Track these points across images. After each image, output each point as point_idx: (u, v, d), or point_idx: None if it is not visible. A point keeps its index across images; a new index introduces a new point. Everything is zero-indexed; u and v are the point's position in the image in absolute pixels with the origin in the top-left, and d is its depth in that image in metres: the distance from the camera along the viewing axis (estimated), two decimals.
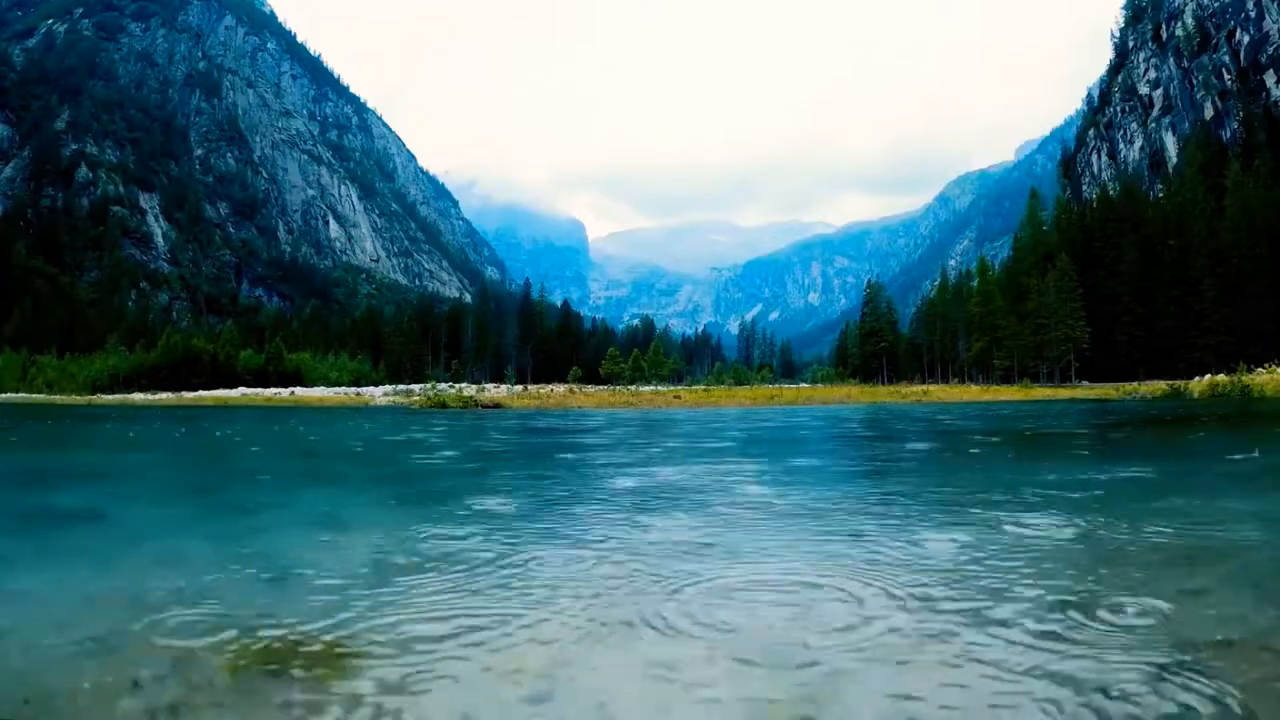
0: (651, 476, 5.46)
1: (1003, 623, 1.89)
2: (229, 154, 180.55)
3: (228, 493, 5.23)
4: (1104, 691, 1.46)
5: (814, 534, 3.14)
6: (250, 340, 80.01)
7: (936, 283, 77.35)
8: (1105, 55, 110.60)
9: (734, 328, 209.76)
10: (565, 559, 2.70)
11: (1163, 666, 1.57)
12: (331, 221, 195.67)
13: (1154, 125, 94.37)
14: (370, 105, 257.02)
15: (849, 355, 79.69)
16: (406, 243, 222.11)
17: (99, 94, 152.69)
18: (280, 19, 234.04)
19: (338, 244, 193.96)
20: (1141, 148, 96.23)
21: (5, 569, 2.63)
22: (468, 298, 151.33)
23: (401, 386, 46.51)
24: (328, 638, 1.80)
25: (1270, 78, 78.10)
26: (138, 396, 45.01)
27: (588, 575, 2.43)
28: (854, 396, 30.57)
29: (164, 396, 42.22)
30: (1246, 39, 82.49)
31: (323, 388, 50.51)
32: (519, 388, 44.09)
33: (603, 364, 73.11)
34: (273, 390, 44.76)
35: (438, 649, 1.73)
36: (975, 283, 65.41)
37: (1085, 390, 34.47)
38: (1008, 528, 3.17)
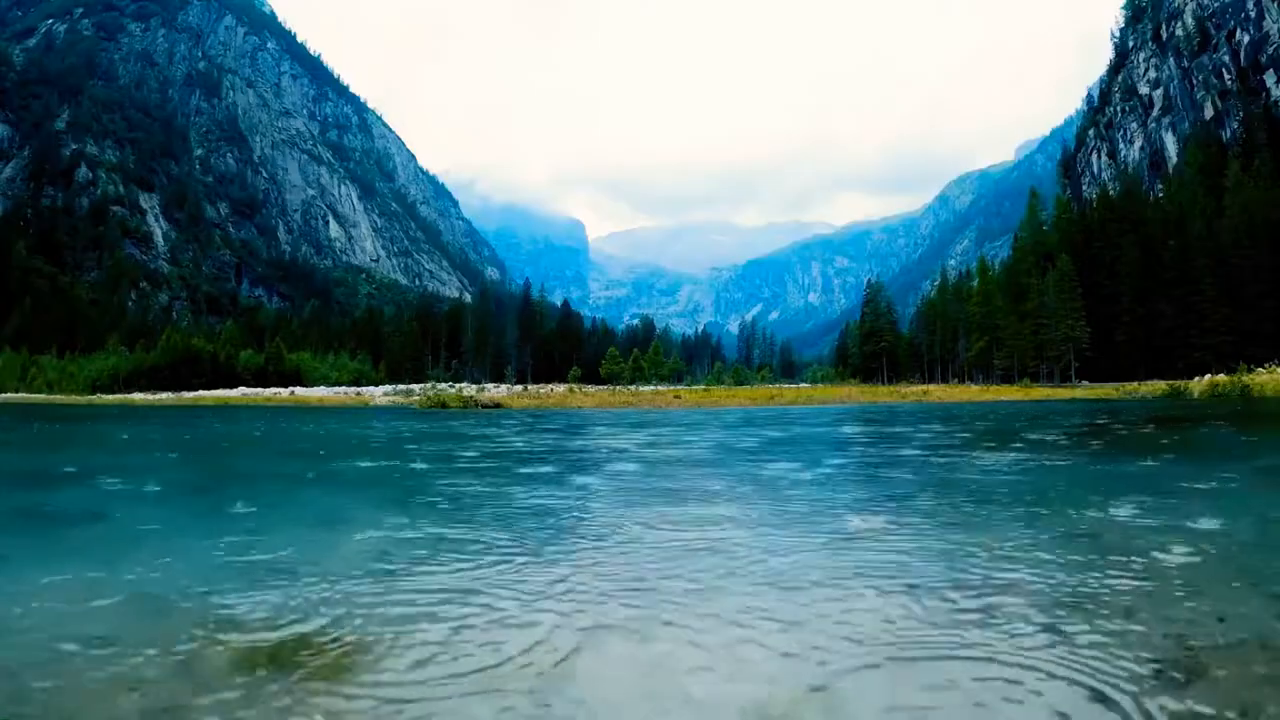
0: (651, 476, 5.46)
1: (1002, 621, 1.89)
2: (229, 154, 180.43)
3: (226, 493, 5.23)
4: (1104, 690, 1.45)
5: (815, 533, 3.14)
6: (250, 340, 79.98)
7: (936, 283, 77.31)
8: (1105, 55, 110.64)
9: (734, 328, 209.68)
10: (565, 559, 2.70)
11: (1163, 666, 1.57)
12: (331, 221, 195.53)
13: (1154, 125, 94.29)
14: (370, 105, 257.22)
15: (849, 355, 79.65)
16: (406, 243, 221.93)
17: (99, 94, 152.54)
18: (280, 19, 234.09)
19: (338, 244, 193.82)
20: (1141, 148, 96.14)
21: (5, 569, 2.64)
22: (468, 298, 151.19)
23: (401, 386, 46.49)
24: (328, 637, 1.80)
25: (1270, 78, 78.02)
26: (138, 396, 45.00)
27: (588, 575, 2.44)
28: (854, 396, 30.56)
29: (164, 396, 42.21)
30: (1246, 39, 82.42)
31: (323, 387, 50.50)
32: (519, 388, 44.09)
33: (603, 364, 73.05)
34: (272, 390, 44.75)
35: (438, 649, 1.73)
36: (975, 283, 65.37)
37: (1085, 390, 34.44)
38: (1006, 527, 3.17)
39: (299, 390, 44.84)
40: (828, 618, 1.94)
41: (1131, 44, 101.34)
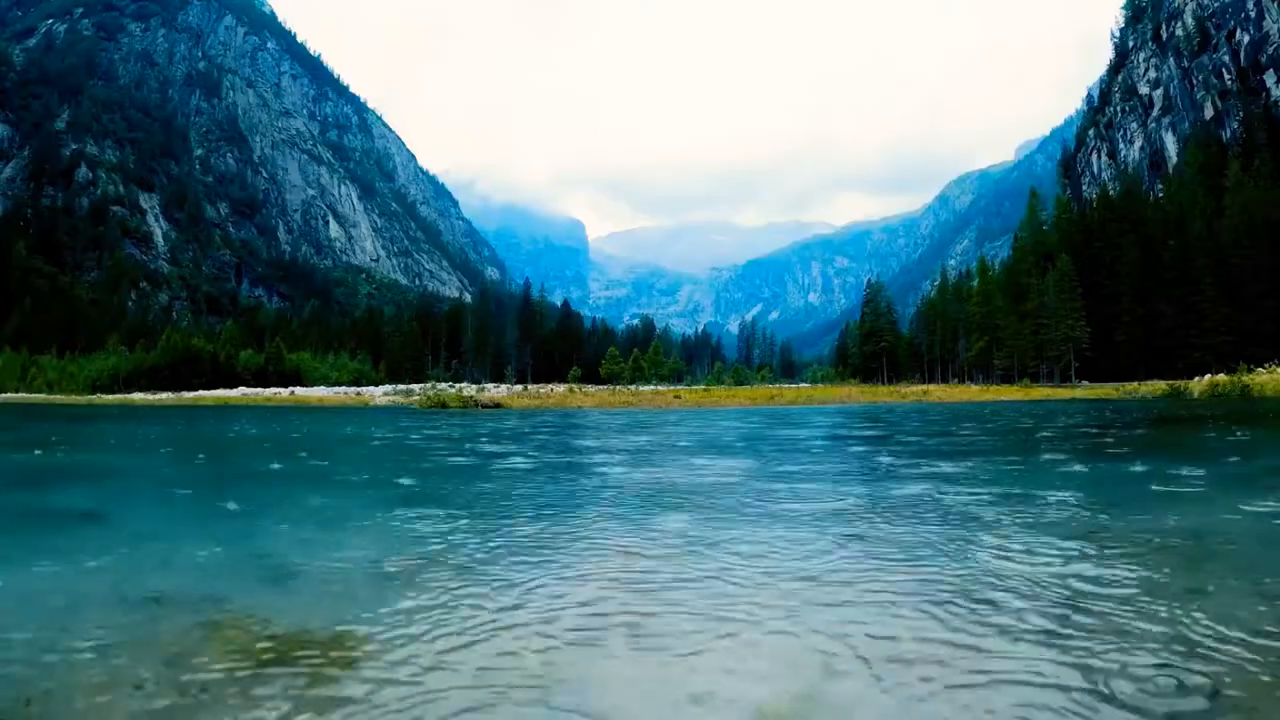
0: (650, 475, 5.46)
1: (1003, 620, 1.89)
2: (229, 154, 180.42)
3: (226, 493, 5.23)
4: (1105, 690, 1.45)
5: (815, 534, 3.14)
6: (250, 340, 79.98)
7: (936, 283, 77.31)
8: (1105, 55, 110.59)
9: (734, 328, 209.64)
10: (564, 558, 2.70)
11: (1163, 666, 1.57)
12: (331, 221, 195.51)
13: (1154, 125, 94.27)
14: (370, 105, 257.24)
15: (849, 355, 79.65)
16: (406, 243, 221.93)
17: (99, 94, 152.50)
18: (280, 19, 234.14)
19: (338, 244, 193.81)
20: (1141, 148, 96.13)
21: (5, 568, 2.63)
22: (468, 298, 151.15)
23: (401, 386, 46.49)
24: (328, 637, 1.80)
25: (1270, 78, 78.01)
26: (138, 396, 45.01)
27: (588, 575, 2.43)
28: (854, 396, 30.56)
29: (164, 396, 42.23)
30: (1246, 39, 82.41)
31: (323, 387, 50.51)
32: (519, 388, 44.10)
33: (603, 364, 73.05)
34: (272, 390, 44.76)
35: (438, 648, 1.73)
36: (975, 283, 65.38)
37: (1085, 390, 34.45)
38: (1005, 527, 3.17)
39: (299, 390, 44.85)
40: (828, 618, 1.94)
41: (1131, 44, 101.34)
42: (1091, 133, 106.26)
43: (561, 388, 42.45)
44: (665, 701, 1.46)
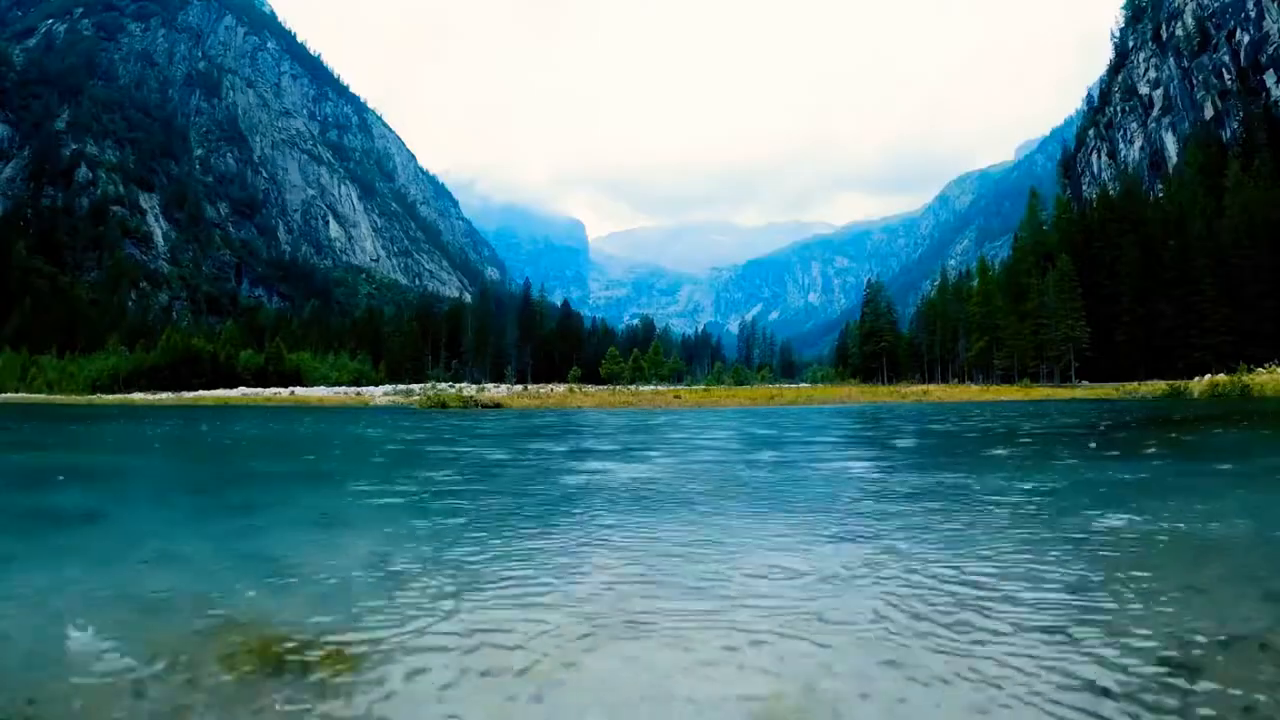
0: (648, 475, 5.46)
1: (1002, 619, 1.89)
2: (229, 154, 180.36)
3: (226, 493, 5.23)
4: (1104, 689, 1.46)
5: (814, 534, 3.14)
6: (250, 340, 79.96)
7: (936, 283, 77.30)
8: (1105, 55, 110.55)
9: (734, 328, 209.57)
10: (562, 558, 2.70)
11: (1163, 665, 1.57)
12: (331, 221, 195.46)
13: (1154, 125, 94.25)
14: (370, 105, 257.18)
15: (849, 355, 79.64)
16: (406, 243, 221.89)
17: (99, 94, 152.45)
18: (280, 19, 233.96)
19: (338, 244, 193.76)
20: (1141, 148, 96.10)
21: (5, 569, 2.63)
22: (468, 297, 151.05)
23: (401, 386, 46.48)
24: (327, 638, 1.80)
25: (1270, 78, 77.98)
26: (138, 396, 45.03)
27: (588, 576, 2.44)
28: (854, 396, 30.57)
29: (164, 396, 42.26)
30: (1246, 39, 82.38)
31: (323, 387, 50.51)
32: (519, 388, 44.08)
33: (603, 364, 73.05)
34: (272, 390, 44.77)
35: (437, 649, 1.74)
36: (975, 283, 65.36)
37: (1085, 390, 34.45)
38: (1007, 528, 3.17)
39: (299, 390, 44.85)
40: (826, 618, 1.94)
41: (1131, 44, 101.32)
42: (1091, 133, 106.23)
43: (561, 388, 42.43)
44: (666, 702, 1.46)
